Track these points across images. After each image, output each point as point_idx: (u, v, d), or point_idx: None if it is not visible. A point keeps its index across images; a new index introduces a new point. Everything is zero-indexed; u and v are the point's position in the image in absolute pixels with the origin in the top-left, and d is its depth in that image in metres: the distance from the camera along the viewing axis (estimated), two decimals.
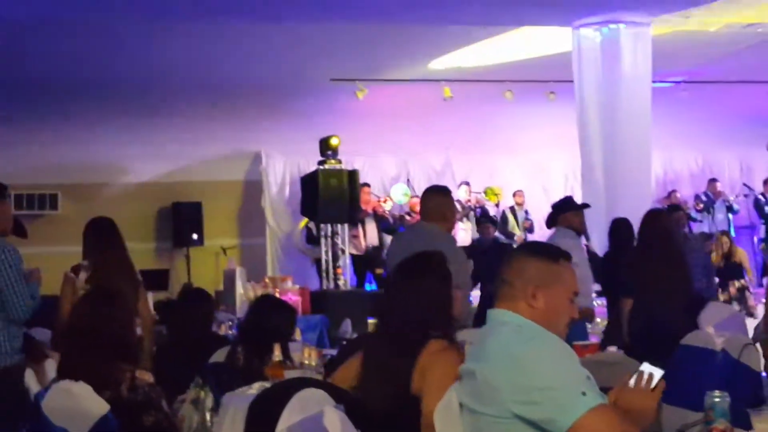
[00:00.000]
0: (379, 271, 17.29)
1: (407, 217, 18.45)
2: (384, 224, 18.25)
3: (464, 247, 13.16)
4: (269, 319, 6.66)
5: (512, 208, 19.54)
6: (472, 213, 18.94)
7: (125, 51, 13.98)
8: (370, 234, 18.08)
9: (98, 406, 4.72)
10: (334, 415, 3.84)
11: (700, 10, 13.15)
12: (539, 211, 20.20)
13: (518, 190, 19.97)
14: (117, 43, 13.58)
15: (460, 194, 18.62)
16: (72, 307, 6.29)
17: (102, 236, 8.05)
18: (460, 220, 17.97)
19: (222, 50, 14.26)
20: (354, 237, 18.09)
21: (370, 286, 17.70)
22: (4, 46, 8.07)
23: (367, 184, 18.84)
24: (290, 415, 4.12)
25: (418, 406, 4.39)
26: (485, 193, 19.56)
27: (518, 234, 19.16)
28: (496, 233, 18.97)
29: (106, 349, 4.98)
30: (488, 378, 3.56)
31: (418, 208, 18.11)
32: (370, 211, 18.13)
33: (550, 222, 10.48)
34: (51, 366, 6.28)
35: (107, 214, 18.96)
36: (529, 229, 19.40)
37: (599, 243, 12.54)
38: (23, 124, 15.33)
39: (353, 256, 18.19)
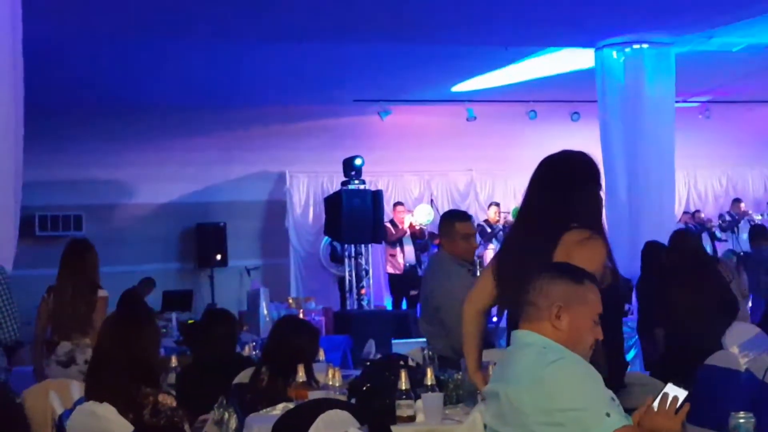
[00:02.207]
0: (413, 292, 17.26)
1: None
2: (419, 241, 18.26)
3: None
4: (292, 340, 6.66)
5: None
6: (501, 233, 18.85)
7: (149, 72, 14.05)
8: (408, 253, 18.09)
9: (122, 428, 4.73)
10: None
11: (723, 30, 13.14)
12: None
13: None
14: (140, 63, 13.65)
15: (489, 214, 18.59)
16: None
17: (65, 258, 8.52)
18: (489, 240, 17.98)
19: (246, 71, 14.32)
20: (392, 256, 18.11)
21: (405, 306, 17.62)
22: (26, 68, 8.12)
23: (400, 203, 18.86)
24: None
25: None
26: (511, 212, 19.51)
27: None
28: None
29: (128, 372, 4.99)
30: (512, 399, 3.56)
31: None
32: (406, 229, 18.13)
33: None
34: (75, 387, 6.30)
35: (131, 235, 19.26)
36: None
37: (620, 265, 12.48)
38: (47, 145, 15.38)
39: (390, 276, 18.20)
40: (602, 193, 4.84)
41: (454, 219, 7.68)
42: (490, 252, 17.51)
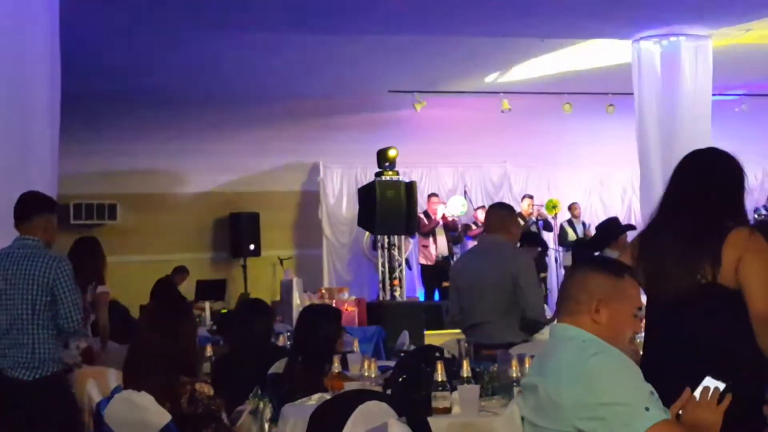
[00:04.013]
0: (446, 284, 17.26)
1: (473, 226, 18.45)
2: (452, 233, 18.27)
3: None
4: (317, 328, 6.67)
5: (570, 221, 19.43)
6: (534, 226, 18.82)
7: (183, 62, 14.07)
8: (441, 244, 18.11)
9: (160, 417, 4.76)
10: (399, 428, 3.83)
11: (761, 23, 13.05)
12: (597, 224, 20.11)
13: (574, 203, 19.85)
14: (175, 54, 13.67)
15: (522, 207, 18.57)
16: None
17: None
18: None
19: (281, 61, 14.31)
20: (424, 247, 18.14)
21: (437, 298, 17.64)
22: (64, 57, 8.17)
23: (434, 194, 18.85)
24: (354, 427, 4.12)
25: (716, 294, 4.36)
26: (545, 205, 19.47)
27: None
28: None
29: (166, 361, 5.02)
30: (551, 393, 3.55)
31: (481, 219, 18.18)
32: (439, 220, 18.14)
33: None
34: (112, 375, 6.34)
35: (165, 224, 19.37)
36: None
37: None
38: (83, 134, 15.46)
39: (422, 267, 18.23)
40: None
41: (516, 215, 8.63)
42: None
